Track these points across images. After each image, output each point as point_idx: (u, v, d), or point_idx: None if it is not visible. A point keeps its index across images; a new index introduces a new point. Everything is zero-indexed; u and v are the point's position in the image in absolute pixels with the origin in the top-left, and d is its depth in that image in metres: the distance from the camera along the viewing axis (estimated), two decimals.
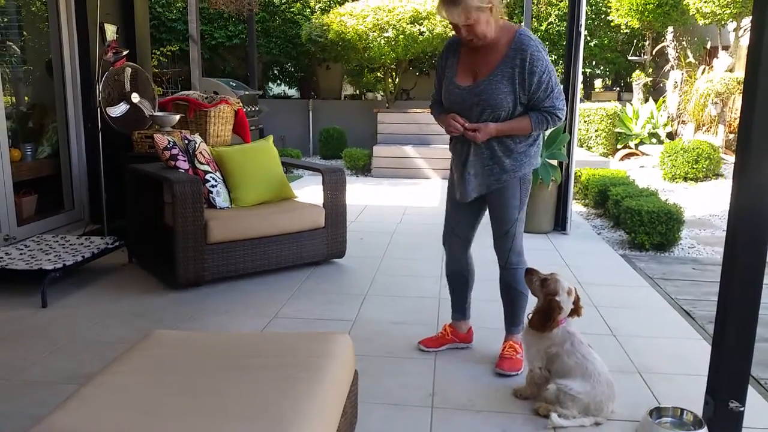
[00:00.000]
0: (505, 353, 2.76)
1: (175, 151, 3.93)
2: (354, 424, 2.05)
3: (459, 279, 2.98)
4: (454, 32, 2.54)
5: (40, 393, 2.50)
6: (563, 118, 2.56)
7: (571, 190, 5.35)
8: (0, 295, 3.62)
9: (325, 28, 9.56)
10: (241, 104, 5.30)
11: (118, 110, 4.41)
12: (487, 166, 2.62)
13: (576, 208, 6.29)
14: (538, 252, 4.71)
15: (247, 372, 1.67)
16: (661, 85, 10.83)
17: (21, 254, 3.77)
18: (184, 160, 3.96)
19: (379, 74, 10.83)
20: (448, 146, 2.84)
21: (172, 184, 3.59)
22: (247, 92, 8.59)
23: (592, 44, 11.10)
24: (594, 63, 11.65)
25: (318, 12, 10.84)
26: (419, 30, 9.10)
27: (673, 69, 10.28)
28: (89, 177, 4.93)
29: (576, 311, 2.43)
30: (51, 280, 3.49)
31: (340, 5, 10.12)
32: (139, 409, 1.49)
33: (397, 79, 10.55)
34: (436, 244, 4.92)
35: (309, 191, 6.80)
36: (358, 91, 11.94)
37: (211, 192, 3.99)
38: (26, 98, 5.71)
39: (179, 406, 1.49)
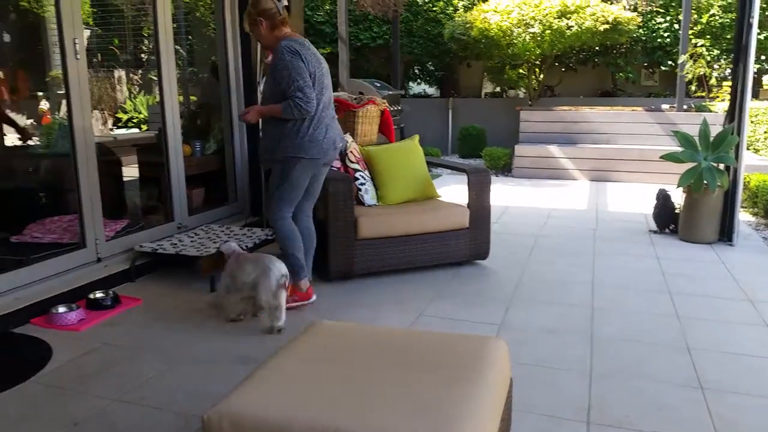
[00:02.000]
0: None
1: None
2: None
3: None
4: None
5: (211, 371, 2.72)
6: (309, 108, 3.13)
7: (739, 197, 4.89)
8: (174, 277, 3.99)
9: (468, 25, 9.50)
10: (387, 105, 5.42)
11: None
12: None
13: (743, 217, 5.76)
14: (701, 264, 4.37)
15: (410, 368, 1.71)
16: None
17: (192, 241, 4.13)
18: (337, 159, 4.12)
19: (522, 71, 10.58)
20: (597, 146, 2.91)
21: (326, 182, 3.75)
22: (390, 92, 8.77)
23: (762, 36, 10.08)
24: (763, 58, 10.58)
25: (461, 10, 10.80)
26: (567, 24, 8.77)
27: None
28: (250, 172, 5.29)
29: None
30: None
31: (484, 2, 10.01)
32: (310, 396, 1.57)
33: (541, 76, 10.25)
34: (585, 248, 4.76)
35: (448, 190, 6.81)
36: (499, 89, 11.76)
37: (360, 190, 4.12)
38: (194, 98, 6.23)
39: (349, 396, 1.56)
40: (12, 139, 6.40)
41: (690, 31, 9.03)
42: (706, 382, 2.63)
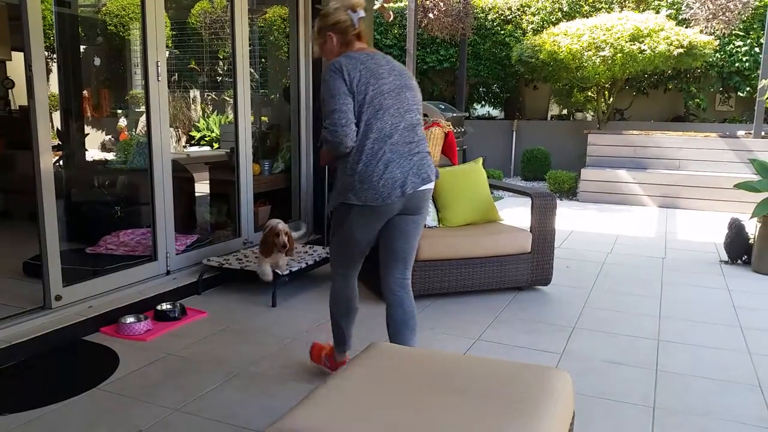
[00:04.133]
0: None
1: None
2: None
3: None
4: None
5: (270, 385, 2.78)
6: (337, 139, 2.41)
7: None
8: (238, 292, 4.11)
9: (536, 48, 9.43)
10: (451, 127, 5.43)
11: None
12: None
13: None
14: None
15: (469, 396, 1.69)
16: None
17: (256, 257, 4.25)
18: None
19: (590, 93, 10.40)
20: (667, 171, 2.63)
21: None
22: (454, 114, 8.79)
23: None
24: None
25: (530, 33, 10.74)
26: (639, 48, 8.58)
27: None
28: (314, 191, 5.41)
29: None
30: (280, 283, 3.88)
31: (554, 25, 9.92)
32: (369, 420, 1.58)
33: (611, 99, 10.04)
34: (652, 278, 4.60)
35: (510, 213, 6.74)
36: (565, 111, 11.59)
37: None
38: (265, 119, 6.44)
39: (407, 423, 1.56)
40: (92, 153, 6.77)
41: None
42: None
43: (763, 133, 8.20)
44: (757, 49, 9.62)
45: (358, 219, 2.52)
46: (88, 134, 6.60)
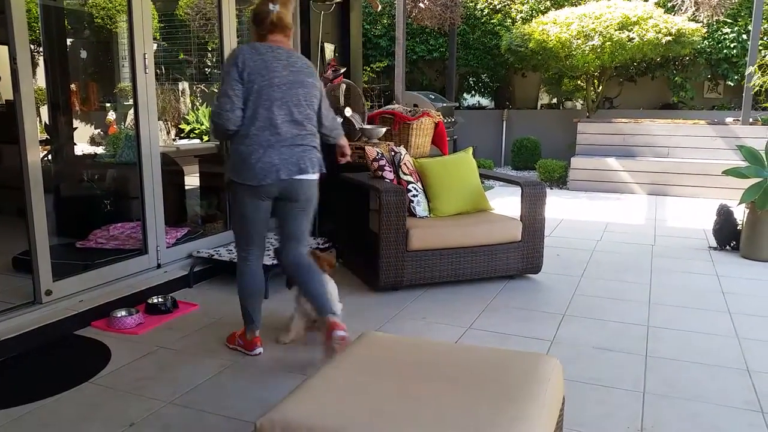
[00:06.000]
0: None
1: (382, 162, 4.14)
2: None
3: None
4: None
5: (263, 377, 2.78)
6: (220, 121, 2.65)
7: None
8: (229, 284, 4.10)
9: (526, 37, 9.43)
10: (441, 117, 5.44)
11: None
12: None
13: None
14: (763, 283, 4.20)
15: (460, 384, 1.71)
16: None
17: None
18: (390, 171, 4.16)
19: (579, 82, 10.41)
20: (656, 159, 2.68)
21: (379, 194, 3.79)
22: (444, 104, 8.78)
23: None
24: None
25: (519, 22, 10.73)
26: (628, 36, 8.59)
27: None
28: None
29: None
30: (272, 274, 3.88)
31: (543, 14, 9.92)
32: (361, 408, 1.59)
33: (600, 87, 10.06)
34: (642, 265, 4.63)
35: (501, 202, 6.76)
36: (555, 100, 11.60)
37: (412, 201, 4.14)
38: None
39: (399, 411, 1.57)
40: (81, 147, 6.72)
41: (760, 42, 8.69)
42: None
43: (751, 120, 8.26)
44: (744, 36, 9.66)
45: (242, 197, 2.77)
46: (76, 128, 6.54)
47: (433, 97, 8.92)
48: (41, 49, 5.51)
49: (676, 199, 7.66)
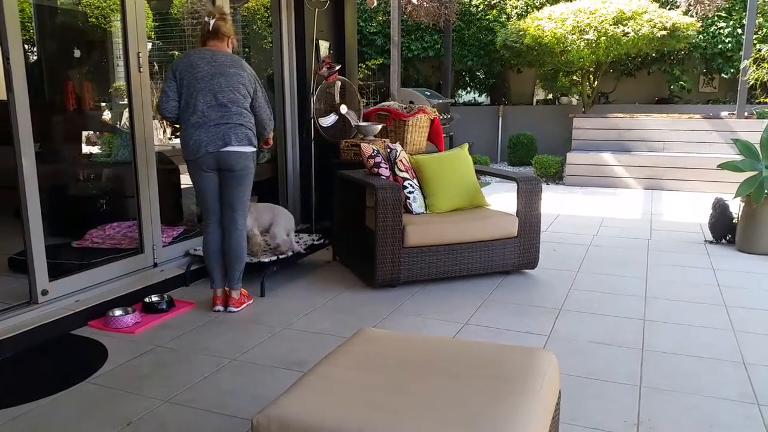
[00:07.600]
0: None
1: (378, 159, 4.14)
2: None
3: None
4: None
5: (260, 374, 2.79)
6: (160, 111, 3.38)
7: None
8: None
9: (521, 33, 9.43)
10: (437, 113, 5.44)
11: (329, 121, 4.77)
12: None
13: None
14: (759, 276, 4.21)
15: (456, 379, 1.71)
16: None
17: None
18: (386, 168, 4.16)
19: (575, 77, 10.42)
20: (652, 153, 2.74)
21: (375, 191, 3.79)
22: (440, 101, 8.79)
23: None
24: None
25: (514, 18, 10.73)
26: (623, 31, 8.60)
27: None
28: (301, 181, 5.40)
29: None
30: (269, 272, 3.88)
31: (538, 10, 9.91)
32: (357, 404, 1.59)
33: (595, 83, 10.07)
34: (638, 259, 4.64)
35: (497, 198, 6.77)
36: (551, 96, 11.61)
37: (408, 198, 4.15)
38: None
39: (396, 406, 1.57)
40: (76, 147, 6.70)
41: (754, 36, 8.70)
42: (763, 398, 2.53)
43: (746, 114, 8.27)
44: (739, 30, 9.68)
45: (191, 171, 3.43)
46: (71, 128, 6.52)
47: (428, 93, 8.92)
48: (35, 49, 5.49)
49: (671, 194, 7.68)
